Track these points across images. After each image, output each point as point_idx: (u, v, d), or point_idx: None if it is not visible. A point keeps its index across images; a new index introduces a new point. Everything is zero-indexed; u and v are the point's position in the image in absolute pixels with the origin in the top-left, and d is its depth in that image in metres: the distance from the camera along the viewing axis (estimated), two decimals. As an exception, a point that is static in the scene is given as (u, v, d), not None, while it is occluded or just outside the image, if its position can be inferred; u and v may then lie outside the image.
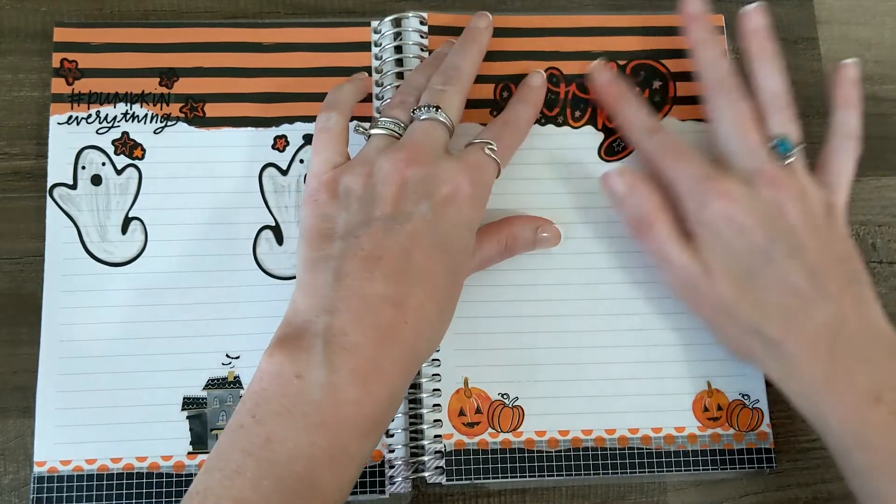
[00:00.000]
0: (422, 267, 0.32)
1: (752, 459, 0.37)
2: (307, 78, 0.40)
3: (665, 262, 0.36)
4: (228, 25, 0.41)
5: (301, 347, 0.30)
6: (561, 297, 0.39)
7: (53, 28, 0.40)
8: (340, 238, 0.32)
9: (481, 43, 0.39)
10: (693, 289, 0.36)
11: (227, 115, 0.40)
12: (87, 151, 0.39)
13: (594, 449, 0.37)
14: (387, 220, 0.32)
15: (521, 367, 0.38)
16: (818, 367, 0.33)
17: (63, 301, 0.37)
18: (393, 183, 0.33)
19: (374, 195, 0.33)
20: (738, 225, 0.35)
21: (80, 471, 0.36)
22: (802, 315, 0.34)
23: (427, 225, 0.32)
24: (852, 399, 0.32)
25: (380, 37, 0.41)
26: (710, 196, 0.35)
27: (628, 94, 0.39)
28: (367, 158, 0.34)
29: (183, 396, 0.37)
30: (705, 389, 0.38)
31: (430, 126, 0.35)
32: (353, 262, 0.31)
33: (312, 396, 0.29)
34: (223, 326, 0.37)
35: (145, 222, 0.38)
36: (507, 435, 0.37)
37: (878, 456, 0.32)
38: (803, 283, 0.34)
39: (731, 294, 0.35)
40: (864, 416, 0.32)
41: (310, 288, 0.32)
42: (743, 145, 0.36)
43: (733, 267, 0.35)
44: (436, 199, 0.33)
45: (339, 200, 0.34)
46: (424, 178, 0.33)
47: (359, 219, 0.32)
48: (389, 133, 0.35)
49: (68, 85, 0.39)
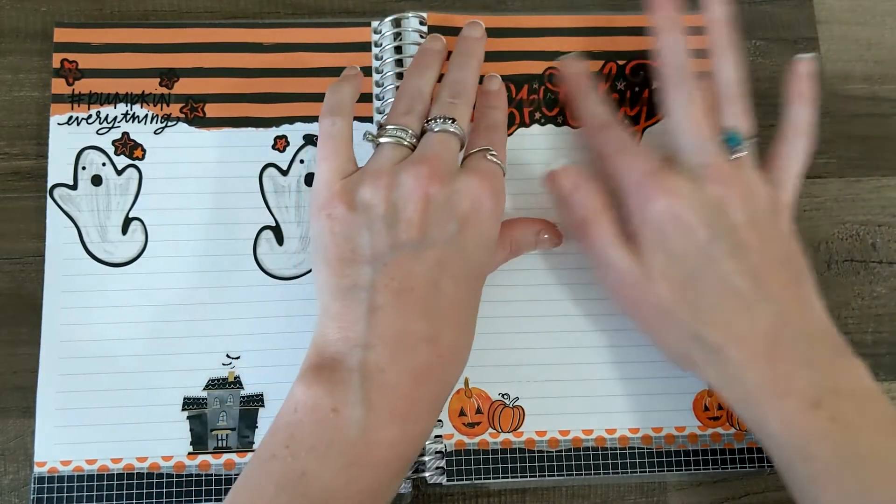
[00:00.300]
0: (451, 298, 0.32)
1: (752, 459, 0.37)
2: (307, 78, 0.40)
3: (604, 265, 0.35)
4: (228, 26, 0.41)
5: (337, 381, 0.30)
6: (561, 296, 0.39)
7: (53, 28, 0.40)
8: (368, 263, 0.31)
9: (479, 55, 0.38)
10: (631, 292, 0.35)
11: (227, 115, 0.40)
12: (87, 152, 0.39)
13: (595, 449, 0.37)
14: (415, 246, 0.31)
15: (522, 368, 0.38)
16: (758, 373, 0.32)
17: (63, 301, 0.37)
18: (417, 201, 0.32)
19: (399, 215, 0.32)
20: (681, 223, 0.33)
21: (80, 471, 0.36)
22: (743, 318, 0.33)
23: (454, 250, 0.32)
24: (792, 405, 0.31)
25: (380, 37, 0.41)
26: (655, 192, 0.34)
27: (588, 89, 0.38)
28: (384, 170, 0.33)
29: (183, 397, 0.37)
30: (706, 389, 0.38)
31: (446, 138, 0.34)
32: (385, 295, 0.31)
33: (349, 434, 0.29)
34: (223, 327, 0.37)
35: (146, 223, 0.38)
36: (507, 435, 0.37)
37: (817, 465, 0.31)
38: (744, 285, 0.33)
39: (671, 297, 0.33)
40: (803, 423, 0.31)
41: (341, 319, 0.31)
42: (693, 138, 0.35)
43: (674, 268, 0.33)
44: (460, 218, 0.32)
45: (357, 215, 0.32)
46: (448, 196, 0.32)
47: (385, 242, 0.32)
48: (399, 142, 0.34)
49: (68, 85, 0.39)
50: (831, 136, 0.42)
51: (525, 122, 0.41)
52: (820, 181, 0.41)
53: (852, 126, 0.37)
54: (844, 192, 0.42)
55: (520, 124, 0.41)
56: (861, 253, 0.41)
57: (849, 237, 0.42)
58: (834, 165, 0.42)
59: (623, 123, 0.37)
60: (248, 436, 0.36)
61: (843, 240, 0.42)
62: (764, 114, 0.42)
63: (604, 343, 0.38)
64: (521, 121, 0.41)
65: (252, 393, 0.37)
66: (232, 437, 0.36)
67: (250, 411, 0.37)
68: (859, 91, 0.44)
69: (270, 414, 0.36)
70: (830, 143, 0.42)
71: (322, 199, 0.33)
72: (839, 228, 0.42)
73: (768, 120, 0.41)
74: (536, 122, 0.41)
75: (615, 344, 0.38)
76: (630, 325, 0.38)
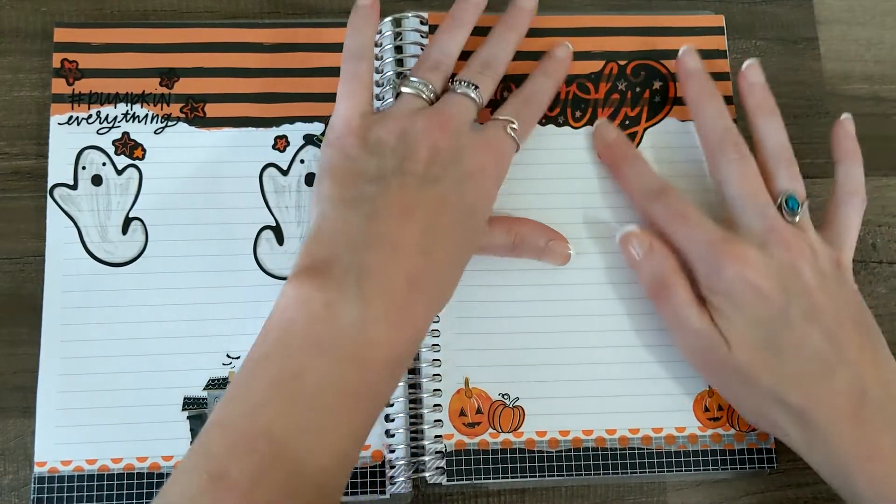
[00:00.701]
0: (447, 227, 0.32)
1: (752, 459, 0.37)
2: (308, 78, 0.40)
3: (681, 328, 0.35)
4: (229, 26, 0.41)
5: (331, 277, 0.30)
6: (561, 297, 0.39)
7: (53, 28, 0.40)
8: (374, 181, 0.32)
9: (521, 30, 0.39)
10: (709, 356, 0.35)
11: (227, 115, 0.40)
12: (87, 152, 0.39)
13: (595, 449, 0.37)
14: (419, 177, 0.33)
15: (522, 368, 0.38)
16: (844, 435, 0.32)
17: (63, 301, 0.37)
18: (426, 145, 0.33)
19: (407, 150, 0.33)
20: (754, 289, 0.34)
21: (80, 471, 0.36)
22: (825, 381, 0.33)
23: (454, 192, 0.33)
24: (881, 468, 0.32)
25: (380, 37, 0.41)
26: (724, 260, 0.34)
27: (632, 154, 0.39)
28: (400, 115, 0.35)
29: (183, 397, 0.37)
30: (706, 389, 0.38)
31: (465, 101, 0.36)
32: (385, 206, 0.31)
33: (344, 329, 0.29)
34: (224, 327, 0.37)
35: (146, 222, 0.38)
36: (507, 435, 0.37)
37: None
38: (825, 348, 0.33)
39: (751, 362, 0.34)
40: (893, 484, 0.31)
41: (339, 222, 0.32)
42: (752, 205, 0.36)
43: (752, 334, 0.34)
44: (463, 170, 0.33)
45: (368, 148, 0.34)
46: (455, 149, 0.34)
47: (392, 165, 0.33)
48: (418, 93, 0.36)
49: (69, 85, 0.39)
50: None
51: (525, 123, 0.41)
52: (820, 181, 0.41)
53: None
54: (844, 192, 0.42)
55: (520, 124, 0.41)
56: (861, 253, 0.41)
57: (849, 237, 0.42)
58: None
59: (674, 188, 0.37)
60: (249, 436, 0.36)
61: (843, 240, 0.42)
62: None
63: (604, 343, 0.38)
64: (521, 121, 0.41)
65: (252, 393, 0.37)
66: (232, 437, 0.36)
67: (250, 411, 0.37)
68: (859, 91, 0.44)
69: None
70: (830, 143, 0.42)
71: (338, 131, 0.35)
72: (839, 228, 0.42)
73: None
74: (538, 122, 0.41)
75: (615, 344, 0.38)
76: (630, 326, 0.38)
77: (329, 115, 0.40)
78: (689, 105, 0.39)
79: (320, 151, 0.36)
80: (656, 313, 0.38)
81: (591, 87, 0.41)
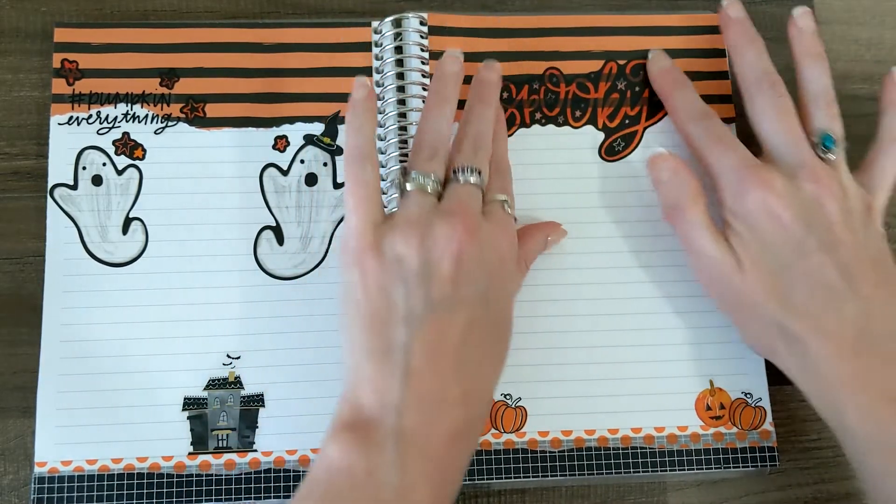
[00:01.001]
0: (480, 355, 0.32)
1: (754, 458, 0.37)
2: (308, 78, 0.40)
3: (696, 251, 0.36)
4: (229, 26, 0.41)
5: (372, 442, 0.30)
6: (562, 297, 0.39)
7: (53, 28, 0.40)
8: (403, 323, 0.31)
9: (496, 101, 0.38)
10: (721, 280, 0.36)
11: (227, 115, 0.40)
12: (87, 152, 0.39)
13: (597, 449, 0.37)
14: (447, 304, 0.31)
15: (524, 368, 0.38)
16: (840, 366, 0.33)
17: (64, 301, 0.37)
18: (450, 258, 0.32)
19: (431, 270, 0.32)
20: (775, 216, 0.34)
21: (80, 471, 0.35)
22: (832, 312, 0.33)
23: (482, 307, 0.32)
24: (870, 399, 0.32)
25: (380, 37, 0.41)
26: (750, 185, 0.35)
27: (683, 81, 0.40)
28: (415, 220, 0.33)
29: (184, 397, 0.37)
30: (708, 388, 0.38)
31: (473, 191, 0.34)
32: (420, 357, 0.31)
33: (383, 497, 0.29)
34: (224, 327, 0.37)
35: (146, 223, 0.38)
36: (510, 435, 0.37)
37: (893, 459, 0.31)
38: (836, 280, 0.33)
39: (761, 287, 0.34)
40: (881, 416, 0.32)
41: (376, 381, 0.31)
42: (787, 139, 0.36)
43: (766, 260, 0.34)
44: (489, 273, 0.33)
45: (389, 267, 0.32)
46: (479, 252, 0.33)
47: (419, 299, 0.31)
48: (424, 189, 0.34)
49: (69, 85, 0.39)
50: (831, 135, 0.42)
51: (525, 123, 0.41)
52: None
53: (852, 126, 0.37)
54: (844, 191, 0.42)
55: (520, 125, 0.41)
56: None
57: (849, 237, 0.42)
58: (834, 165, 0.42)
59: (717, 115, 0.38)
60: (249, 436, 0.36)
61: (844, 240, 0.42)
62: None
63: (605, 343, 0.38)
64: (521, 121, 0.41)
65: (252, 393, 0.37)
66: (232, 438, 0.36)
67: (251, 411, 0.37)
68: (859, 91, 0.44)
69: (271, 414, 0.36)
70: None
71: (354, 250, 0.33)
72: (839, 228, 0.42)
73: None
74: (537, 122, 0.41)
75: (617, 344, 0.38)
76: (631, 325, 0.38)
77: (328, 115, 0.40)
78: (729, 50, 0.40)
79: (340, 270, 0.34)
80: (657, 312, 0.38)
81: (591, 86, 0.41)
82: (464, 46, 0.41)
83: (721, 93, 0.41)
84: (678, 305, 0.39)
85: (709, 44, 0.42)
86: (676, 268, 0.39)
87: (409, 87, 0.40)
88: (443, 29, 0.41)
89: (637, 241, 0.39)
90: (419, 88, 0.40)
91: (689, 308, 0.39)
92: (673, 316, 0.39)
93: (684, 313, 0.39)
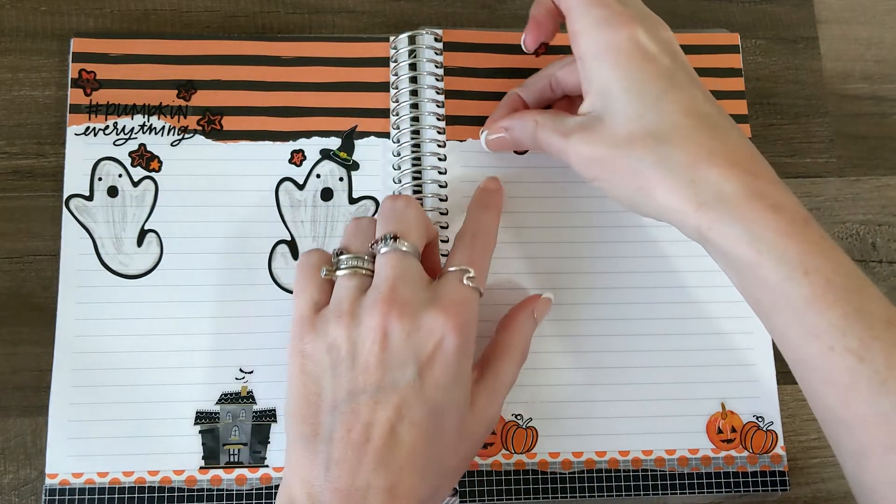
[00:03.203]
0: (411, 446, 0.30)
1: (765, 482, 0.37)
2: (325, 93, 0.40)
3: (564, 140, 0.34)
4: (247, 38, 0.41)
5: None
6: (573, 317, 0.38)
7: (53, 28, 0.40)
8: (328, 411, 0.31)
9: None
10: (592, 144, 0.33)
11: (244, 128, 0.40)
12: (103, 163, 0.39)
13: (608, 471, 0.37)
14: (372, 393, 0.30)
15: (535, 388, 0.37)
16: (739, 184, 0.31)
17: (77, 312, 0.37)
18: (375, 342, 0.31)
19: (358, 359, 0.31)
20: (643, 50, 0.33)
21: (91, 483, 0.35)
22: (716, 138, 0.32)
23: (414, 393, 0.31)
24: (785, 218, 0.30)
25: (395, 53, 0.41)
26: (619, 22, 0.33)
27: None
28: (345, 305, 0.32)
29: (196, 411, 0.37)
30: (719, 411, 0.38)
31: (397, 259, 0.32)
32: (341, 449, 0.30)
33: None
34: (237, 341, 0.37)
35: (161, 235, 0.38)
36: (520, 456, 0.37)
37: (817, 278, 0.30)
38: (712, 109, 0.33)
39: (632, 127, 0.32)
40: (798, 235, 0.30)
41: (302, 471, 0.30)
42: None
43: (634, 97, 0.32)
44: (421, 358, 0.31)
45: (325, 354, 0.32)
46: (408, 334, 0.31)
47: (345, 389, 0.31)
48: (356, 271, 0.33)
49: (86, 96, 0.39)
50: (831, 135, 0.43)
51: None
52: (820, 180, 0.41)
53: (852, 125, 0.37)
54: (844, 191, 0.42)
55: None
56: (861, 252, 0.42)
57: (849, 237, 0.42)
58: (834, 165, 0.42)
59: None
60: (260, 451, 0.36)
61: (843, 239, 0.42)
62: (764, 113, 0.43)
63: (617, 364, 0.38)
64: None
65: (265, 408, 0.37)
66: (244, 453, 0.36)
67: (262, 426, 0.37)
68: (859, 91, 0.44)
69: (283, 430, 0.36)
70: (830, 143, 0.42)
71: (295, 332, 0.33)
72: (839, 228, 0.42)
73: (769, 119, 0.42)
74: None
75: (628, 365, 0.38)
76: (643, 347, 0.38)
77: (345, 130, 0.40)
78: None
79: (288, 351, 0.33)
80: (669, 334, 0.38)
81: (607, 104, 0.41)
82: (477, 62, 0.41)
83: (737, 112, 0.41)
84: (689, 327, 0.39)
85: (724, 63, 0.42)
86: (687, 289, 0.39)
87: (422, 103, 0.40)
88: (457, 45, 0.41)
89: (649, 261, 0.39)
90: (433, 105, 0.40)
91: (701, 330, 0.39)
92: (684, 338, 0.39)
93: (696, 335, 0.39)
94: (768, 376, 0.38)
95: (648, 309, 0.39)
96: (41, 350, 0.37)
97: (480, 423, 0.33)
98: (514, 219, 0.39)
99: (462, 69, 0.41)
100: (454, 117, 0.40)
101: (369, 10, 0.43)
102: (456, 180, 0.39)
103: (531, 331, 0.36)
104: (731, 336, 0.39)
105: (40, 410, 0.36)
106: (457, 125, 0.40)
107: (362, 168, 0.40)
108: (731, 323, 0.39)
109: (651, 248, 0.40)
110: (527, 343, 0.36)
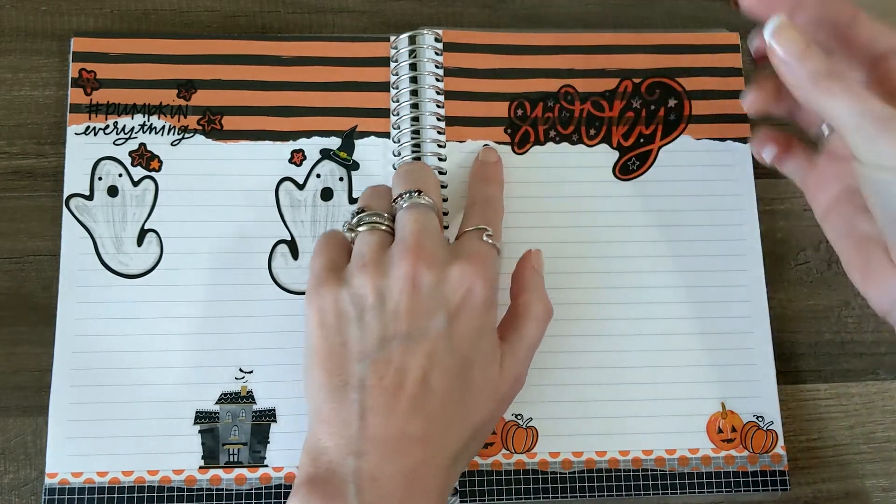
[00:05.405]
0: (441, 394, 0.31)
1: (765, 482, 0.37)
2: (325, 92, 0.40)
3: (856, 124, 0.29)
4: (248, 38, 0.41)
5: (333, 494, 0.29)
6: (573, 317, 0.38)
7: (54, 28, 0.40)
8: (357, 360, 0.31)
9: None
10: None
11: (244, 128, 0.40)
12: (103, 162, 0.39)
13: (608, 470, 0.37)
14: (403, 340, 0.31)
15: (535, 388, 0.37)
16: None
17: (77, 312, 0.37)
18: (404, 291, 0.31)
19: (386, 307, 0.31)
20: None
21: (91, 483, 0.35)
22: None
23: (444, 341, 0.31)
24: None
25: (395, 52, 0.41)
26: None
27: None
28: (368, 257, 0.33)
29: (195, 410, 0.36)
30: (719, 411, 0.38)
31: (423, 212, 0.33)
32: (374, 395, 0.30)
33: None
34: (237, 340, 0.37)
35: (161, 234, 0.38)
36: (520, 456, 0.37)
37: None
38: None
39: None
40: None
41: (332, 423, 0.30)
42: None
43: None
44: (450, 308, 0.32)
45: (346, 306, 0.32)
46: (437, 284, 0.32)
47: (374, 337, 0.31)
48: (376, 227, 0.34)
49: (86, 95, 0.39)
50: (831, 134, 0.42)
51: (540, 140, 0.41)
52: None
53: None
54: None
55: (534, 142, 0.41)
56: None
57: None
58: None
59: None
60: (260, 451, 0.36)
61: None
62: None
63: (617, 364, 0.38)
64: (535, 139, 0.41)
65: (264, 408, 0.37)
66: (244, 452, 0.36)
67: (262, 426, 0.37)
68: None
69: (282, 429, 0.36)
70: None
71: (313, 288, 0.33)
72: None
73: (769, 119, 0.41)
74: (551, 139, 0.41)
75: (628, 365, 0.38)
76: (643, 346, 0.38)
77: (345, 129, 0.40)
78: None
79: (305, 306, 0.33)
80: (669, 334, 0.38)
81: (606, 104, 0.41)
82: (478, 63, 0.41)
83: (737, 112, 0.41)
84: (690, 327, 0.39)
85: (724, 62, 0.42)
86: (689, 289, 0.39)
87: (422, 103, 0.40)
88: (458, 45, 0.41)
89: (650, 261, 0.39)
90: (433, 105, 0.40)
91: (702, 330, 0.39)
92: (685, 337, 0.39)
93: (697, 335, 0.39)
94: (768, 376, 0.38)
95: (649, 309, 0.39)
96: (41, 350, 0.37)
97: (506, 381, 0.33)
98: (514, 219, 0.39)
99: (462, 69, 0.41)
100: (454, 118, 0.40)
101: (369, 9, 0.43)
102: (456, 180, 0.39)
103: (541, 284, 0.36)
104: (731, 336, 0.39)
105: (40, 410, 0.36)
106: (457, 125, 0.40)
107: (362, 168, 0.40)
108: (731, 323, 0.39)
109: (651, 248, 0.40)
110: (544, 299, 0.35)
